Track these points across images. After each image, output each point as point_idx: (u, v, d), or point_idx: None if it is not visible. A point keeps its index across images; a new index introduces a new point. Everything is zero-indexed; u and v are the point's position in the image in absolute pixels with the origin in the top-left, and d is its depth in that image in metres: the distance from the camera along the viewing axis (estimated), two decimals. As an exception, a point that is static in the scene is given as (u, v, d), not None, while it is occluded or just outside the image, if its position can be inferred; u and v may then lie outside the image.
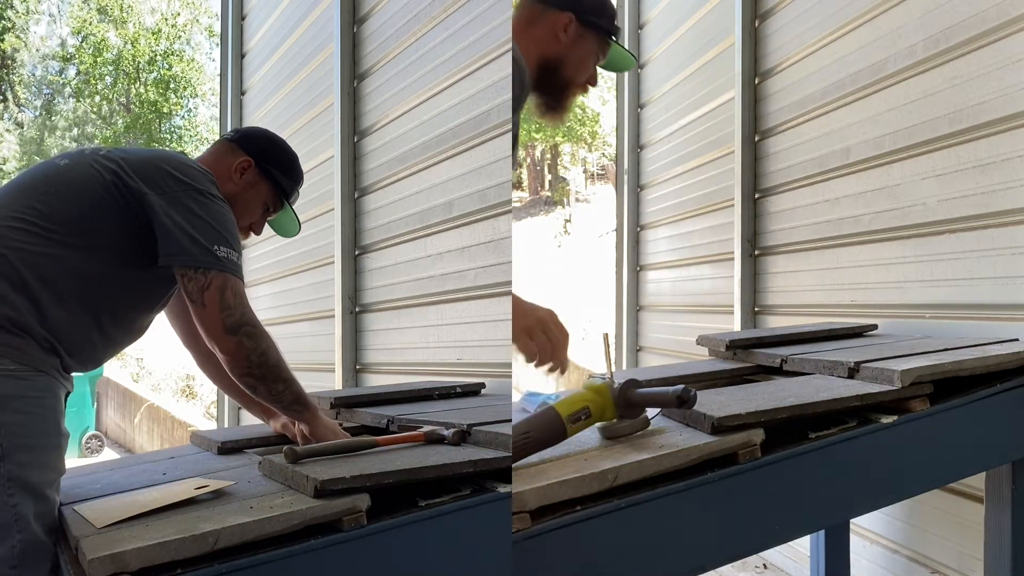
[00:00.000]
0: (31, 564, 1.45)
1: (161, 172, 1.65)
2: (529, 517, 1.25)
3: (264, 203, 1.91)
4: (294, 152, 1.98)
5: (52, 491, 1.51)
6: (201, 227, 1.62)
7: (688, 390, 1.41)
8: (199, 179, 1.68)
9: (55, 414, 1.56)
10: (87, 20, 19.92)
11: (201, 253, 1.60)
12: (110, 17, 20.03)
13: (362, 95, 3.86)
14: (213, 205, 1.67)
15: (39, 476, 1.49)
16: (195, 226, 1.61)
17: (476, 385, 2.43)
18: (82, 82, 20.77)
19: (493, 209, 2.89)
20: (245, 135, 1.94)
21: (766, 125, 3.37)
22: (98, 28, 19.74)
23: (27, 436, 1.49)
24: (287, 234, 2.03)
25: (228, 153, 1.87)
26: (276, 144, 1.96)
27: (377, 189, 3.71)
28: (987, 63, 2.17)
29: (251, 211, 1.89)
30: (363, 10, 3.85)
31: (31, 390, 1.52)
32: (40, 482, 1.48)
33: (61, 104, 23.67)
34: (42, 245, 1.57)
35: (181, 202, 1.63)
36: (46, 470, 1.51)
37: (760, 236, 3.41)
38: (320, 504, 1.30)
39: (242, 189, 1.85)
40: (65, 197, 1.61)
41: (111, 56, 19.96)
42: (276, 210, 1.95)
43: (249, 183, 1.86)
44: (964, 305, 2.26)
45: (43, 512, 1.48)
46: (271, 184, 1.89)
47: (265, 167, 1.88)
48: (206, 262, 1.60)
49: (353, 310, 3.86)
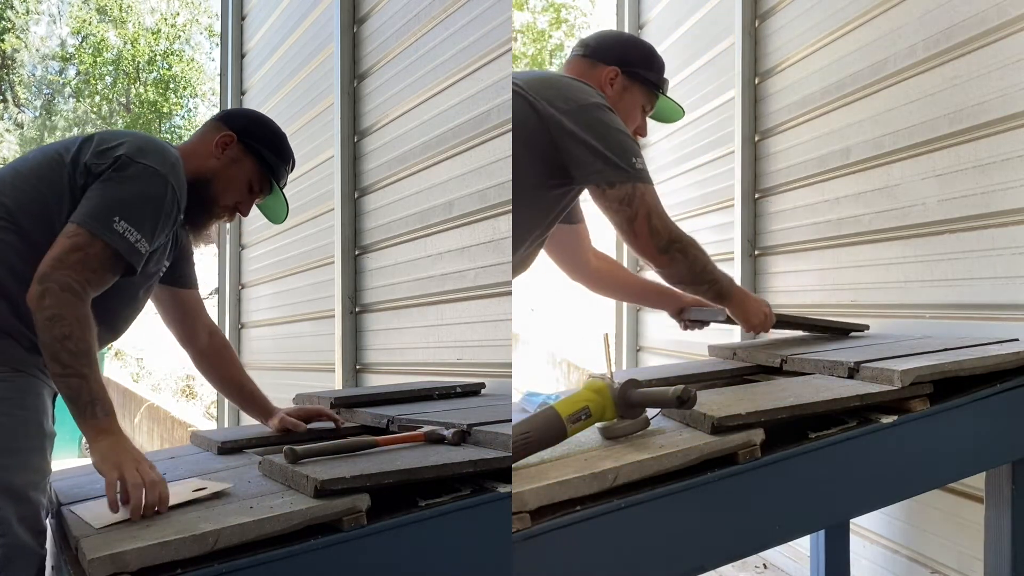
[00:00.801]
0: (16, 568, 1.43)
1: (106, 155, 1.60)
2: (529, 517, 1.25)
3: (248, 181, 1.84)
4: (282, 131, 1.92)
5: (36, 493, 1.49)
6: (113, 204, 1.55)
7: (688, 390, 1.41)
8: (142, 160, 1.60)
9: (37, 415, 1.54)
10: (87, 20, 19.92)
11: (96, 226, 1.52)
12: (110, 17, 20.03)
13: (362, 95, 3.86)
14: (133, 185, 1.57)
15: (21, 478, 1.47)
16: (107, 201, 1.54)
17: (476, 385, 2.43)
18: (82, 82, 20.78)
19: (493, 209, 2.89)
20: (230, 113, 1.90)
21: (766, 125, 3.37)
22: (98, 28, 19.74)
23: (6, 439, 1.48)
24: (275, 219, 1.97)
25: (212, 130, 1.84)
26: (261, 121, 1.92)
27: (377, 189, 3.71)
28: (987, 63, 2.17)
29: (235, 189, 1.83)
30: (363, 10, 3.85)
31: (11, 391, 1.51)
32: (22, 484, 1.47)
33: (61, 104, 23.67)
34: (13, 242, 1.54)
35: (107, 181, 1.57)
36: (28, 472, 1.49)
37: (760, 236, 3.41)
38: (320, 504, 1.30)
39: (224, 165, 1.80)
40: (28, 190, 1.58)
41: (111, 56, 19.97)
42: (263, 191, 1.88)
43: (232, 159, 1.81)
44: (964, 305, 2.26)
45: (27, 515, 1.46)
46: (255, 161, 1.84)
47: (249, 142, 1.82)
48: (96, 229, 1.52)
49: (353, 310, 3.86)
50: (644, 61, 2.02)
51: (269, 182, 1.88)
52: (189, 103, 20.78)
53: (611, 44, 2.05)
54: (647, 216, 1.81)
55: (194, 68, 20.37)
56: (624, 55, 2.01)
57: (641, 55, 2.03)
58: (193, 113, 21.12)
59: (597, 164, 1.80)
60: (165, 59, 19.88)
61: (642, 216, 1.81)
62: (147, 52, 19.60)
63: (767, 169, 3.37)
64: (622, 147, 1.81)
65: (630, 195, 1.80)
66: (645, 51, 2.06)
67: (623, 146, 1.82)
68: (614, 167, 1.79)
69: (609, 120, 1.83)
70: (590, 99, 1.84)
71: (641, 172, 1.82)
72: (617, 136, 1.82)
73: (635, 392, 1.49)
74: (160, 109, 19.34)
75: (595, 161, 1.80)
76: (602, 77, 1.98)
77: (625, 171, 1.80)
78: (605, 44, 2.04)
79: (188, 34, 20.94)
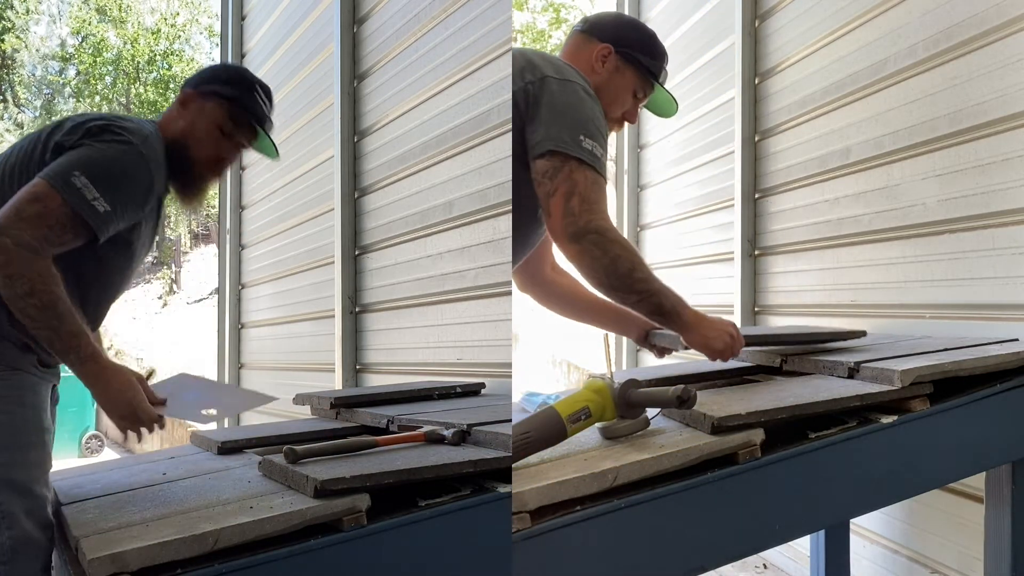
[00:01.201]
0: (23, 560, 1.45)
1: None
2: (529, 517, 1.25)
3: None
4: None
5: (40, 487, 1.51)
6: None
7: (688, 390, 1.41)
8: None
9: (36, 411, 1.56)
10: (87, 20, 19.91)
11: None
12: (109, 17, 20.01)
13: (362, 95, 3.86)
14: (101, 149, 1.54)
15: (24, 474, 1.49)
16: None
17: (476, 385, 2.43)
18: (82, 82, 20.76)
19: (493, 209, 2.89)
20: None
21: (766, 125, 3.37)
22: (98, 28, 19.73)
23: (9, 436, 1.49)
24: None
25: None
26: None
27: (377, 189, 3.71)
28: (987, 63, 2.17)
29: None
30: (363, 10, 3.85)
31: (9, 389, 1.52)
32: (26, 479, 1.49)
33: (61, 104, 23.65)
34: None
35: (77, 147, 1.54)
36: (30, 467, 1.51)
37: (760, 236, 3.41)
38: (320, 504, 1.30)
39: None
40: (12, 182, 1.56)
41: (111, 56, 19.95)
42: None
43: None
44: (964, 305, 2.26)
45: (33, 508, 1.48)
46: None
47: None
48: None
49: (353, 310, 3.86)
50: (642, 44, 1.88)
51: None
52: (189, 103, 20.73)
53: (610, 22, 1.92)
54: (566, 195, 1.58)
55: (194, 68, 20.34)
56: (621, 35, 1.87)
57: (640, 38, 1.90)
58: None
59: (539, 134, 1.62)
60: (165, 59, 19.86)
61: (560, 193, 1.58)
62: (147, 52, 19.59)
63: (767, 169, 3.37)
64: (574, 121, 1.63)
65: (555, 169, 1.59)
66: (644, 34, 1.92)
67: (575, 120, 1.63)
68: (552, 138, 1.60)
69: (568, 91, 1.67)
70: (557, 73, 1.69)
71: (584, 151, 1.60)
72: (572, 110, 1.64)
73: (635, 392, 1.49)
74: (160, 109, 19.32)
75: (538, 130, 1.62)
76: (594, 53, 1.84)
77: (563, 142, 1.60)
78: (603, 21, 1.92)
79: (188, 34, 20.92)
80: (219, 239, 5.82)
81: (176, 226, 18.19)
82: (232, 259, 5.58)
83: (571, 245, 1.58)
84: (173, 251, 17.61)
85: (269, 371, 5.03)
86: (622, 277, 1.61)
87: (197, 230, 20.58)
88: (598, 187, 1.61)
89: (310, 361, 4.39)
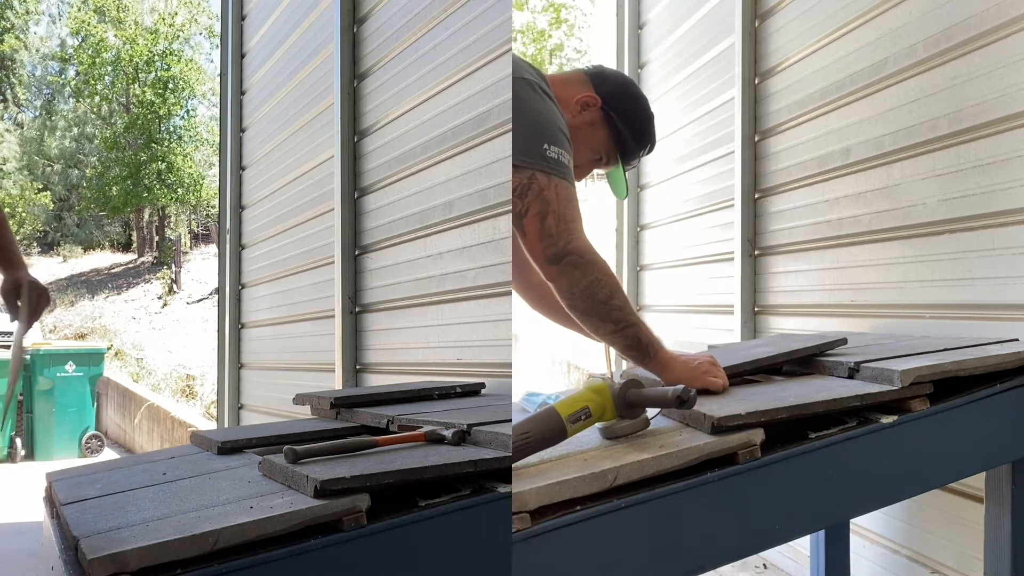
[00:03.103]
0: None
1: None
2: (529, 517, 1.25)
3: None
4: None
5: None
6: None
7: (688, 390, 1.41)
8: None
9: None
10: (86, 21, 19.91)
11: None
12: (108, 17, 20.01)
13: (362, 95, 3.86)
14: None
15: None
16: None
17: (476, 385, 2.43)
18: (82, 82, 20.75)
19: (493, 209, 2.89)
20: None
21: (766, 125, 3.37)
22: (97, 28, 19.72)
23: None
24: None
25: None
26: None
27: (377, 189, 3.71)
28: (987, 63, 2.17)
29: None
30: (363, 10, 3.85)
31: None
32: None
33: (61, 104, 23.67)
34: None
35: None
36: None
37: (760, 236, 3.41)
38: (320, 504, 1.30)
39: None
40: None
41: (110, 56, 19.94)
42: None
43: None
44: (964, 305, 2.26)
45: None
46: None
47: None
48: None
49: (353, 310, 3.86)
50: (631, 118, 1.77)
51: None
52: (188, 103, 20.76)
53: (614, 81, 1.82)
54: (540, 214, 1.53)
55: (193, 68, 20.34)
56: (617, 97, 1.77)
57: (632, 110, 1.78)
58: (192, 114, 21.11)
59: (515, 144, 1.55)
60: (164, 59, 19.86)
61: (534, 213, 1.53)
62: (146, 52, 19.58)
63: (767, 169, 3.37)
64: (534, 129, 1.55)
65: (525, 186, 1.53)
66: (639, 111, 1.80)
67: (536, 128, 1.55)
68: (517, 150, 1.54)
69: (528, 98, 1.59)
70: (522, 73, 1.61)
71: (550, 162, 1.54)
72: (533, 117, 1.57)
73: (635, 392, 1.49)
74: (158, 110, 19.32)
75: (513, 142, 1.56)
76: (581, 95, 1.74)
77: (527, 154, 1.53)
78: (609, 76, 1.81)
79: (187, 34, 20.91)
80: (219, 239, 5.82)
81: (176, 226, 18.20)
82: (232, 259, 5.58)
83: (550, 267, 1.55)
84: (173, 251, 17.62)
85: (269, 371, 5.03)
86: (600, 303, 1.55)
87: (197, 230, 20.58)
88: (571, 202, 1.56)
89: (310, 361, 4.39)
